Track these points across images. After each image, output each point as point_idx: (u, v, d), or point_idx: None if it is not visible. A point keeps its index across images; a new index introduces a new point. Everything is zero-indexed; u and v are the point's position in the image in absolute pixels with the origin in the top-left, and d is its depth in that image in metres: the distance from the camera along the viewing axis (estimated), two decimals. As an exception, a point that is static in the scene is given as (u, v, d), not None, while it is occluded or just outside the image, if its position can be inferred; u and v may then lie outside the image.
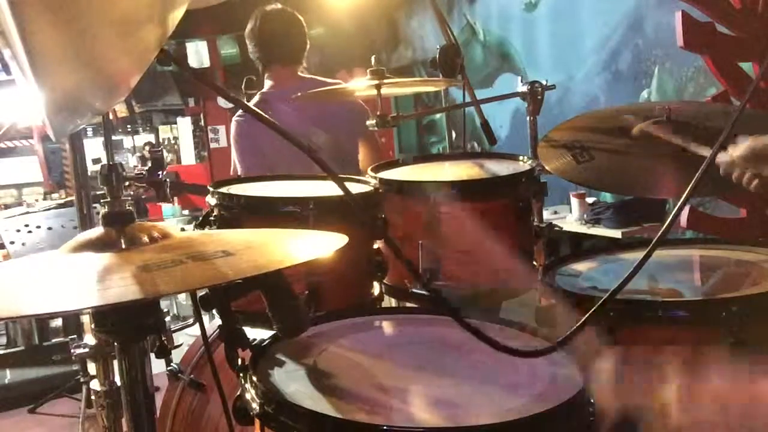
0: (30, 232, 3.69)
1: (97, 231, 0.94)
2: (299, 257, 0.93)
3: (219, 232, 1.39)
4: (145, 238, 0.92)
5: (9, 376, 4.08)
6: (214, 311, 1.04)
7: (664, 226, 0.94)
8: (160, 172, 1.05)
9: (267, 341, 1.09)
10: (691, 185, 0.94)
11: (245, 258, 0.89)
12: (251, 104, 2.63)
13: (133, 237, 0.91)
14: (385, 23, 6.60)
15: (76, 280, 0.83)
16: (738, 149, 1.38)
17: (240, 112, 2.68)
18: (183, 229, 2.22)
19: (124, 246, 0.90)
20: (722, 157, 1.39)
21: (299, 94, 2.15)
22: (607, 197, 4.05)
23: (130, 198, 0.99)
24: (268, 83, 2.78)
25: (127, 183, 0.99)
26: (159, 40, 0.75)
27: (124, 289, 0.76)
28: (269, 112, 2.48)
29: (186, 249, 0.90)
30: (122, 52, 0.74)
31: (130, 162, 6.96)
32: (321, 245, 0.98)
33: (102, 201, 0.94)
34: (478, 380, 1.01)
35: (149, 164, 1.04)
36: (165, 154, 6.99)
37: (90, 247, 0.90)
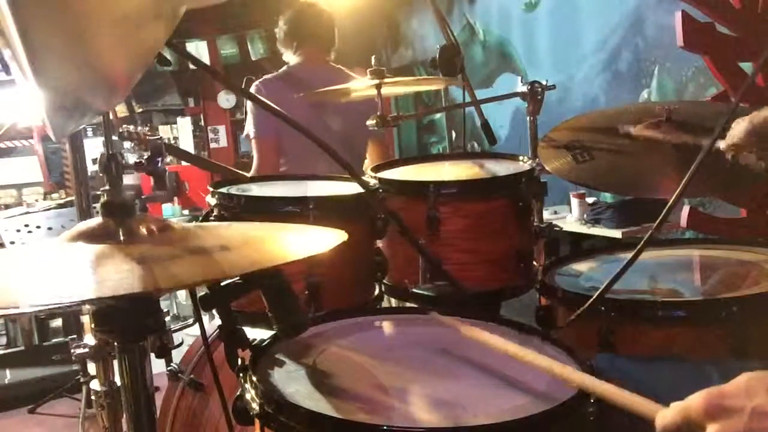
0: (30, 232, 3.69)
1: (96, 221, 0.93)
2: (298, 254, 0.92)
3: (218, 225, 1.38)
4: (144, 231, 0.91)
5: (9, 376, 4.08)
6: (214, 311, 1.03)
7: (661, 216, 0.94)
8: (159, 160, 1.03)
9: (267, 341, 1.09)
10: (692, 168, 0.94)
11: (243, 254, 0.89)
12: (275, 75, 2.74)
13: (132, 229, 0.90)
14: (385, 23, 6.59)
15: (71, 273, 0.82)
16: (736, 129, 1.37)
17: (261, 78, 2.75)
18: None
19: (122, 238, 0.89)
20: (723, 143, 1.38)
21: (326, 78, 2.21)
22: (607, 197, 4.04)
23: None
24: (296, 59, 2.80)
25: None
26: (159, 40, 0.75)
27: (118, 282, 0.75)
28: (293, 84, 2.53)
29: (184, 243, 0.89)
30: (122, 52, 0.74)
31: (130, 161, 6.96)
32: (320, 241, 0.97)
33: (101, 189, 0.93)
34: (478, 380, 1.01)
35: (147, 152, 1.03)
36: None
37: (88, 238, 0.89)
